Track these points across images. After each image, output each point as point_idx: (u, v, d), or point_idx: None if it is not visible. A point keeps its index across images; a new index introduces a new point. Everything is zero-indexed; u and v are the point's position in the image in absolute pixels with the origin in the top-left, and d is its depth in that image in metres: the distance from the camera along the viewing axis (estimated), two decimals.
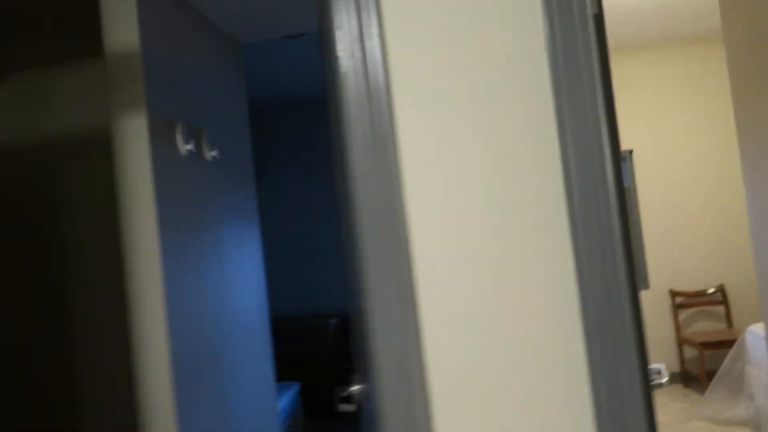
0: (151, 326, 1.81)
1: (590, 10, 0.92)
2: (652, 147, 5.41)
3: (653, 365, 1.56)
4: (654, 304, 5.31)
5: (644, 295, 5.33)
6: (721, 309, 5.19)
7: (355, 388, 1.72)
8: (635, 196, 5.48)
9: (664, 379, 1.54)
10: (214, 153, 2.21)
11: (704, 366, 4.72)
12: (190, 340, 1.96)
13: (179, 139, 2.00)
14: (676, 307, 5.21)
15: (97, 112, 2.14)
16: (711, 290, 5.13)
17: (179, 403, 1.84)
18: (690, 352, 5.16)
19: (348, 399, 1.71)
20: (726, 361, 4.16)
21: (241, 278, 2.43)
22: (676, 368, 5.22)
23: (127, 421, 2.12)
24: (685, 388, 5.04)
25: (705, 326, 5.16)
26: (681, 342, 5.17)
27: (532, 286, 1.08)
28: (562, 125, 1.00)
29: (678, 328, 5.22)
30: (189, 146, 2.03)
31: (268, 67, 4.42)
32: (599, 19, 0.92)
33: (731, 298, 5.18)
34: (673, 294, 5.24)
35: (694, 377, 5.00)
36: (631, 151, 5.48)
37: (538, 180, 1.06)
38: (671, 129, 5.34)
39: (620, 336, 1.02)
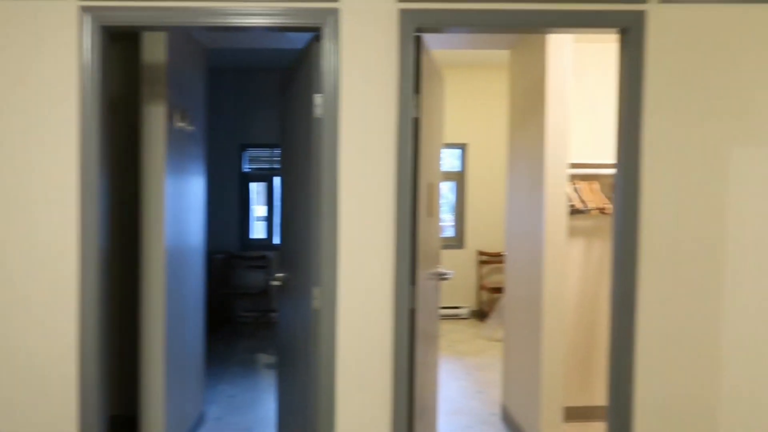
0: (155, 225, 3.01)
1: (413, 115, 2.34)
2: (484, 141, 7.19)
3: (446, 271, 3.06)
4: (467, 260, 7.20)
5: (460, 253, 7.19)
6: None
7: (280, 275, 3.09)
8: (465, 178, 7.27)
9: (449, 276, 3.06)
10: (192, 128, 3.37)
11: (492, 305, 6.67)
12: (174, 239, 3.17)
13: (176, 118, 3.15)
14: (481, 263, 7.15)
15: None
16: (503, 252, 7.11)
17: (168, 277, 3.07)
18: (485, 296, 7.13)
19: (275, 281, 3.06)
20: (501, 300, 6.10)
21: (195, 210, 3.63)
22: (475, 307, 7.20)
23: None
24: (478, 320, 7.02)
25: (497, 277, 7.13)
26: (480, 288, 7.13)
27: (385, 225, 2.48)
28: (398, 161, 2.41)
29: (480, 277, 7.17)
30: (181, 123, 3.19)
31: None
32: (416, 121, 2.37)
33: None
34: (480, 253, 7.17)
35: (485, 313, 6.98)
36: (465, 144, 7.24)
37: (386, 182, 2.45)
38: (496, 128, 7.16)
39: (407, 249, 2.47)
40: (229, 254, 6.97)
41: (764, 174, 2.41)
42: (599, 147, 3.87)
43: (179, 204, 3.29)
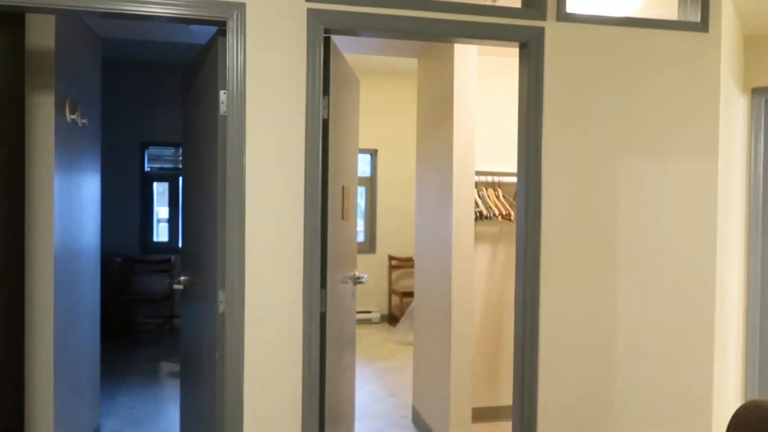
0: (43, 226, 2.78)
1: (322, 116, 2.32)
2: (393, 146, 7.27)
3: (362, 275, 3.04)
4: (377, 264, 7.24)
5: (371, 258, 7.22)
6: None
7: (183, 278, 2.95)
8: (375, 184, 7.31)
9: (365, 279, 3.03)
10: (84, 121, 3.15)
11: (403, 309, 6.75)
12: (65, 241, 2.95)
13: (67, 110, 2.94)
14: (391, 268, 7.21)
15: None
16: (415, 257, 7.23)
17: (57, 282, 2.85)
18: (396, 300, 7.20)
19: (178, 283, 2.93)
20: (411, 305, 6.18)
21: (89, 210, 3.39)
22: (386, 311, 7.25)
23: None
24: (389, 325, 7.07)
25: (408, 282, 7.22)
26: (391, 292, 7.19)
27: (294, 227, 2.41)
28: (307, 162, 2.38)
29: (390, 282, 7.23)
30: (73, 116, 2.98)
31: None
32: (326, 122, 2.34)
33: None
34: (390, 258, 7.23)
35: (396, 317, 7.05)
36: (376, 150, 7.29)
37: (295, 183, 2.40)
38: (405, 134, 7.26)
39: (315, 252, 2.43)
40: (128, 258, 6.60)
41: (648, 180, 2.59)
42: (502, 155, 4.02)
43: (71, 203, 3.06)
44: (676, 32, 2.56)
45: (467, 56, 3.48)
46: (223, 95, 2.31)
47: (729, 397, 3.12)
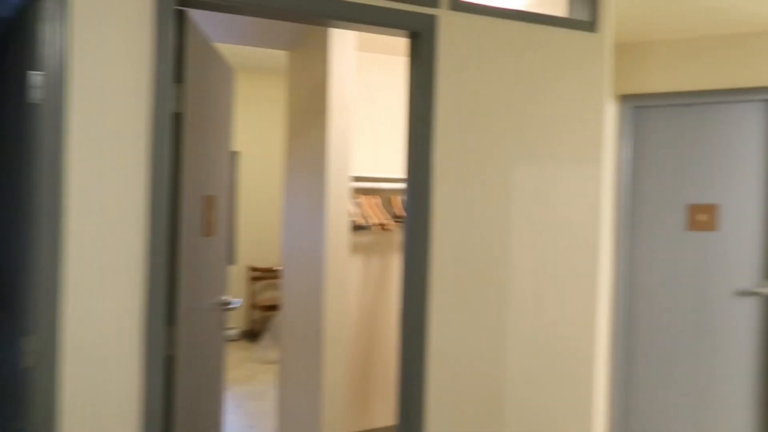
0: None
1: (172, 109, 1.84)
2: (256, 149, 6.73)
3: (232, 300, 2.54)
4: (237, 276, 6.65)
5: (231, 269, 6.61)
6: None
7: None
8: (236, 189, 6.71)
9: (236, 305, 2.54)
10: None
11: (264, 324, 6.24)
12: None
13: None
14: (252, 280, 6.67)
15: None
16: (277, 268, 6.74)
17: None
18: (256, 314, 6.66)
19: None
20: (275, 320, 5.71)
21: None
22: (246, 327, 6.68)
23: None
24: (249, 342, 6.52)
25: (270, 294, 6.72)
26: (252, 306, 6.64)
27: (131, 249, 1.91)
28: (152, 167, 1.88)
29: (251, 295, 6.68)
30: None
31: None
32: (178, 116, 1.86)
33: None
34: (252, 269, 6.68)
35: (257, 333, 6.51)
36: (237, 152, 6.70)
37: (134, 192, 1.90)
38: (269, 136, 6.76)
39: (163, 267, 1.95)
40: None
41: (539, 187, 2.44)
42: (379, 160, 3.75)
43: None
44: (567, 30, 2.43)
45: (344, 50, 3.14)
46: (36, 78, 1.74)
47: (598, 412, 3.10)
